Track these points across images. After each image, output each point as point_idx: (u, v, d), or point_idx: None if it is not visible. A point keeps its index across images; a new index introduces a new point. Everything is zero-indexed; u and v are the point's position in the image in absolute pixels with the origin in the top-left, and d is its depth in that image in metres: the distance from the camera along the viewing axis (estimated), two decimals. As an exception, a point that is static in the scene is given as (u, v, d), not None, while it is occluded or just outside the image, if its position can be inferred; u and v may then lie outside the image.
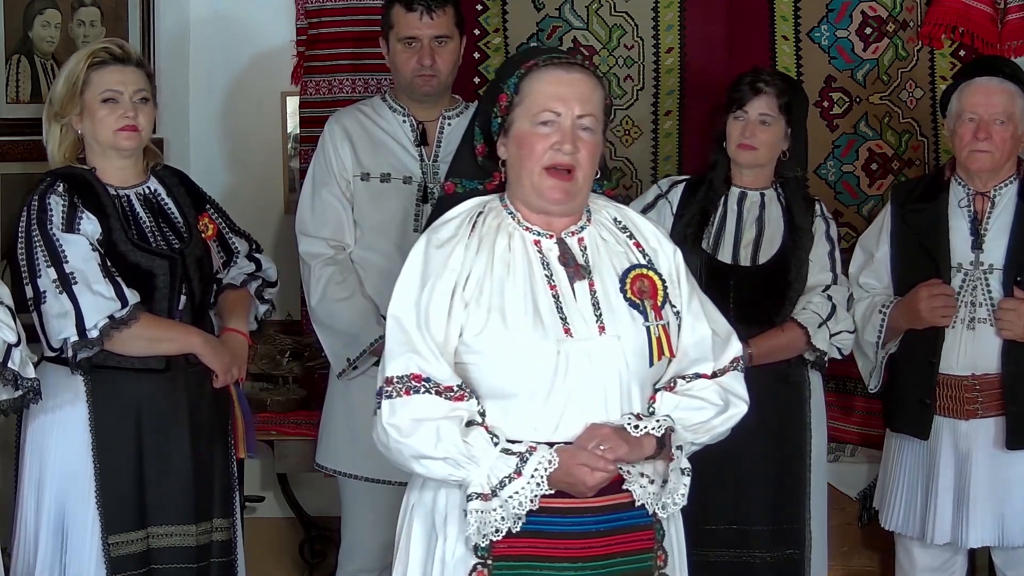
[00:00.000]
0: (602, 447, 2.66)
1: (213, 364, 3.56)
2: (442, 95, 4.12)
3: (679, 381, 2.82)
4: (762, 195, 3.98)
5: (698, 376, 2.83)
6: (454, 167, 2.96)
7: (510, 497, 2.64)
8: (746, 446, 3.00)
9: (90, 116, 3.52)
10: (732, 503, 3.84)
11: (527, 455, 2.66)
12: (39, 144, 3.68)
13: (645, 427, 2.72)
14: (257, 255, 3.85)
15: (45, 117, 3.60)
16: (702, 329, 2.86)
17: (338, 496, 4.24)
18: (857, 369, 4.08)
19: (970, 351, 3.81)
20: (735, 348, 2.90)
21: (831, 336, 3.89)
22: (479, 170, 2.89)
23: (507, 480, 2.65)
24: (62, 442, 3.46)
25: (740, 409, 2.87)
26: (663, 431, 2.73)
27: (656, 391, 2.81)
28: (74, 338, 3.36)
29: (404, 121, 4.10)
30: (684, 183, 4.05)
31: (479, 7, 4.80)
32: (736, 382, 2.88)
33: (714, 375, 2.84)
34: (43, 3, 4.40)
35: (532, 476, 2.64)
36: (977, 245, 3.84)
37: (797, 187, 3.99)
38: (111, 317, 3.37)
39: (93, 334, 3.36)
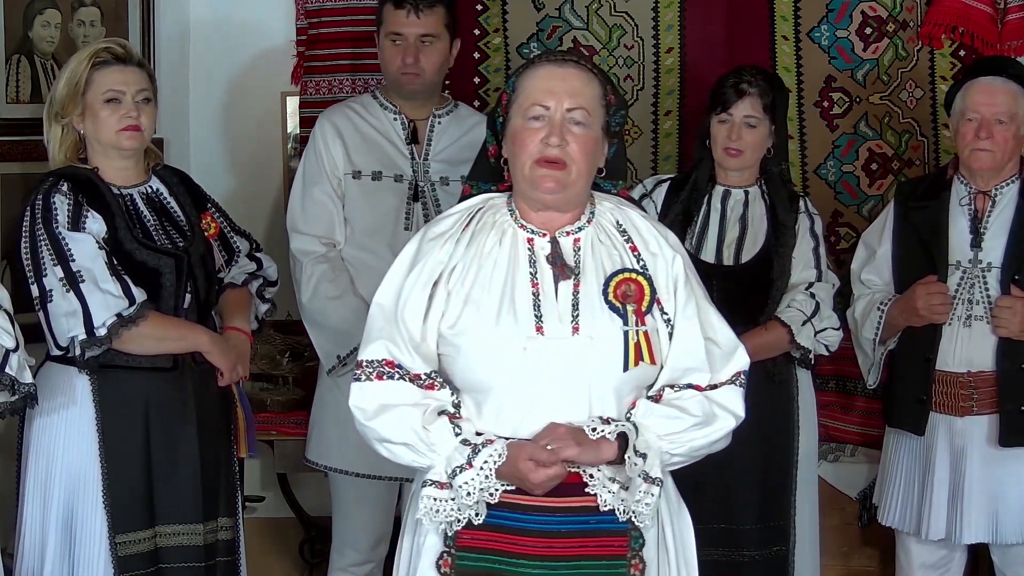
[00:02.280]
0: (550, 446, 2.64)
1: (220, 362, 3.56)
2: (431, 94, 4.14)
3: (668, 390, 2.76)
4: (746, 193, 3.97)
5: (690, 386, 2.77)
6: (473, 171, 2.96)
7: (459, 487, 2.64)
8: (736, 446, 2.97)
9: (92, 116, 3.52)
10: (723, 503, 3.83)
11: (480, 447, 2.65)
12: (39, 144, 3.67)
13: (602, 431, 2.67)
14: (258, 254, 3.85)
15: (46, 117, 3.59)
16: (694, 338, 2.78)
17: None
18: (857, 368, 4.08)
19: (966, 348, 3.81)
20: (739, 362, 2.82)
21: (816, 333, 3.87)
22: (493, 173, 2.89)
23: (459, 470, 2.64)
24: (69, 442, 3.45)
25: (727, 424, 2.77)
26: (616, 436, 2.68)
27: (649, 398, 2.76)
28: (82, 336, 3.35)
29: (395, 119, 4.11)
30: (668, 182, 4.05)
31: (479, 7, 4.81)
32: (731, 396, 2.79)
33: (711, 387, 2.78)
34: (43, 3, 4.38)
35: (481, 468, 2.63)
36: (976, 243, 3.85)
37: (781, 183, 3.98)
38: (119, 315, 3.36)
39: (101, 332, 3.35)
